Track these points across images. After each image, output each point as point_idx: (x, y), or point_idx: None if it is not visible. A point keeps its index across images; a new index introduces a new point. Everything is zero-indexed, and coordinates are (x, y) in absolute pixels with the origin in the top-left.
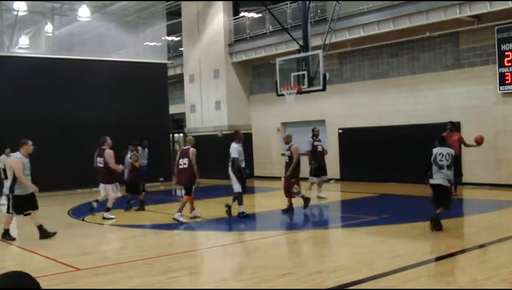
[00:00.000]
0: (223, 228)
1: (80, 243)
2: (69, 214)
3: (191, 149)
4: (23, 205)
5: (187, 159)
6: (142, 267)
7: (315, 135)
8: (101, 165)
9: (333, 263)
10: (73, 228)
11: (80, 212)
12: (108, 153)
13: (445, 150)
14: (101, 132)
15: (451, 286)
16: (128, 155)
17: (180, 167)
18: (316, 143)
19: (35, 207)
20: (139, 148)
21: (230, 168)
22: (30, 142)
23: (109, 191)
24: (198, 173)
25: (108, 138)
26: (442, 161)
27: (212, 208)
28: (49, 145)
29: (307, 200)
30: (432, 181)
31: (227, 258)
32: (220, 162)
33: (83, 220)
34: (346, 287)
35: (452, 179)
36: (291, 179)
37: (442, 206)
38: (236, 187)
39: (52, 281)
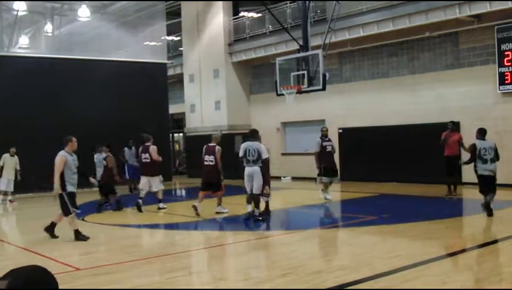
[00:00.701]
0: (222, 228)
1: (79, 243)
2: None
3: (217, 147)
4: (74, 201)
5: (213, 157)
6: (142, 267)
7: (324, 135)
8: (148, 160)
9: (332, 263)
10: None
11: (80, 212)
12: (153, 148)
13: (487, 144)
14: (100, 131)
15: (450, 286)
16: (101, 155)
17: (206, 163)
18: (324, 143)
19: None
20: (126, 149)
21: (259, 168)
22: (74, 139)
23: (157, 183)
24: (222, 170)
25: (151, 137)
26: (486, 155)
27: (212, 207)
28: (49, 145)
29: (267, 208)
30: (480, 173)
31: (227, 258)
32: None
33: (83, 219)
34: (346, 287)
35: (496, 170)
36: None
37: (492, 192)
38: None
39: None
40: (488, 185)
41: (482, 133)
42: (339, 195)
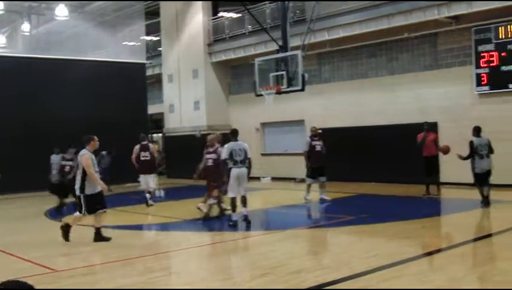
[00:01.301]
0: (202, 229)
1: (58, 244)
2: (45, 215)
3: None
4: (95, 204)
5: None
6: (122, 268)
7: (314, 135)
8: (148, 158)
9: (312, 262)
10: (51, 229)
11: (56, 213)
12: (153, 146)
13: (483, 141)
14: (79, 132)
15: (427, 286)
16: (57, 157)
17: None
18: (314, 143)
19: (105, 206)
20: (104, 153)
21: (246, 169)
22: (96, 138)
23: (154, 180)
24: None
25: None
26: (482, 151)
27: (192, 208)
28: (26, 145)
29: (222, 210)
30: (477, 171)
31: (206, 258)
32: (198, 163)
33: (61, 221)
34: (325, 286)
35: (491, 164)
36: (213, 183)
37: (487, 186)
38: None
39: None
40: (481, 180)
41: (477, 131)
42: (318, 195)
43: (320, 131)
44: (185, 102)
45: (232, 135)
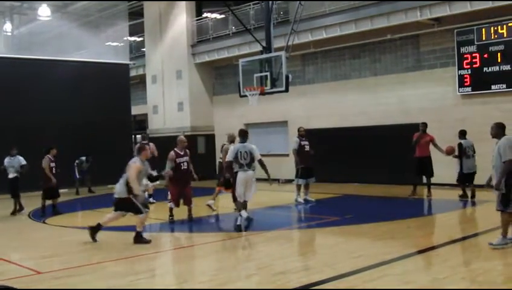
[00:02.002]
0: (186, 230)
1: (40, 246)
2: (29, 217)
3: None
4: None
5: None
6: (105, 269)
7: (301, 135)
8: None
9: (296, 263)
10: (34, 231)
11: (40, 214)
12: (152, 146)
13: (469, 143)
14: (62, 133)
15: (412, 286)
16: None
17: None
18: (303, 142)
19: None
20: (83, 158)
21: (253, 172)
22: (147, 147)
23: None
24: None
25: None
26: (469, 152)
27: (177, 209)
28: (7, 146)
29: (191, 215)
30: (465, 171)
31: (191, 259)
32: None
33: (44, 222)
34: (310, 287)
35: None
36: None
37: (473, 185)
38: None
39: (12, 285)
40: (468, 180)
41: (463, 134)
42: (303, 196)
43: (302, 128)
44: (169, 103)
45: (240, 135)
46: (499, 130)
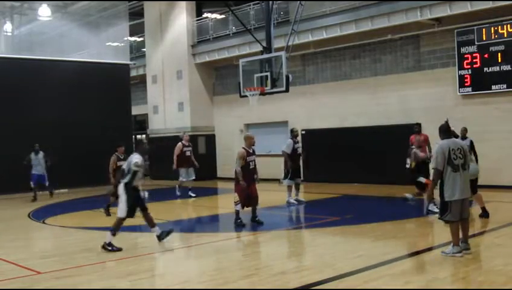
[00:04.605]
0: (186, 230)
1: (40, 246)
2: (29, 217)
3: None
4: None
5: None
6: (105, 270)
7: (294, 136)
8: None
9: (296, 263)
10: (34, 231)
11: (40, 214)
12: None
13: (467, 143)
14: (62, 133)
15: (412, 286)
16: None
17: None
18: (296, 146)
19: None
20: (32, 154)
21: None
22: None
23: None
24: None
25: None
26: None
27: (176, 209)
28: (8, 146)
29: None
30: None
31: (190, 259)
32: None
33: (44, 222)
34: (310, 287)
35: None
36: None
37: None
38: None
39: (12, 285)
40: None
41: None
42: (302, 196)
43: (296, 130)
44: (169, 103)
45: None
46: (440, 134)
